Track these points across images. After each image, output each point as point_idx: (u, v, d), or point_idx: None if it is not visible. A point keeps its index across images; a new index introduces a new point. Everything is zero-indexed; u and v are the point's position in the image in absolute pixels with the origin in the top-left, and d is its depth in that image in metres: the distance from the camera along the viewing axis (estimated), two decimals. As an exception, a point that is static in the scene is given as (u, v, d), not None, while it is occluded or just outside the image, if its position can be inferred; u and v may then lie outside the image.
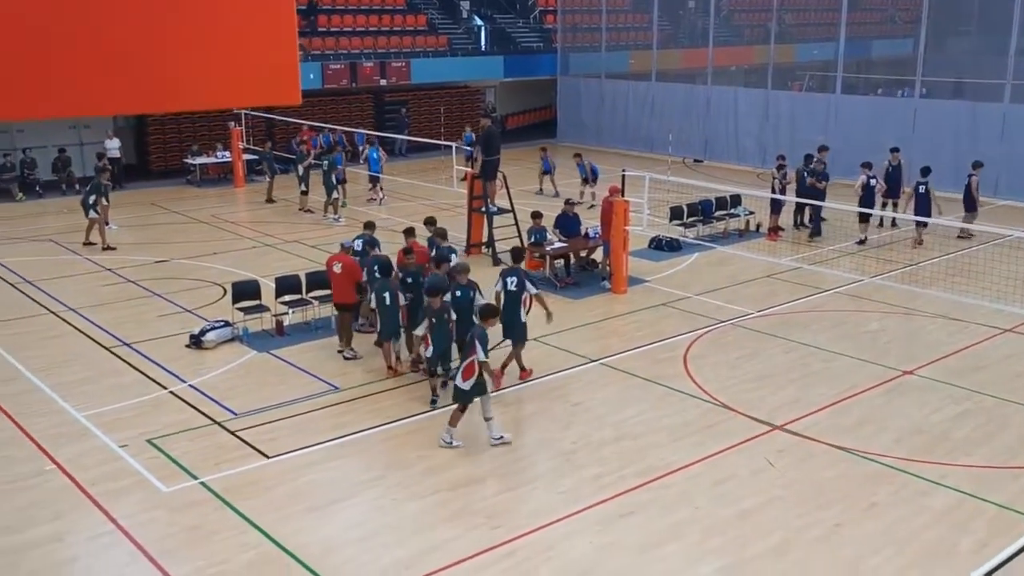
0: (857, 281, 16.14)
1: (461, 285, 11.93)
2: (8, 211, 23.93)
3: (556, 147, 33.17)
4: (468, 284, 11.96)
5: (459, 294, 11.86)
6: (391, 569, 8.26)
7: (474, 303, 11.79)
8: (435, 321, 11.28)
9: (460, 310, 11.69)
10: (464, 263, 12.46)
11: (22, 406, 11.61)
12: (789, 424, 11.14)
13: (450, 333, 11.55)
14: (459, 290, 11.90)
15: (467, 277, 11.97)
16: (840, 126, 27.07)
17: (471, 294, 11.93)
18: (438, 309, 11.27)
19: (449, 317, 11.46)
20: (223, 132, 28.33)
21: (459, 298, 11.81)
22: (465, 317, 11.68)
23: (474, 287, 11.98)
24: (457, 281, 11.95)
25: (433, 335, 11.38)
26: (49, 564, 8.32)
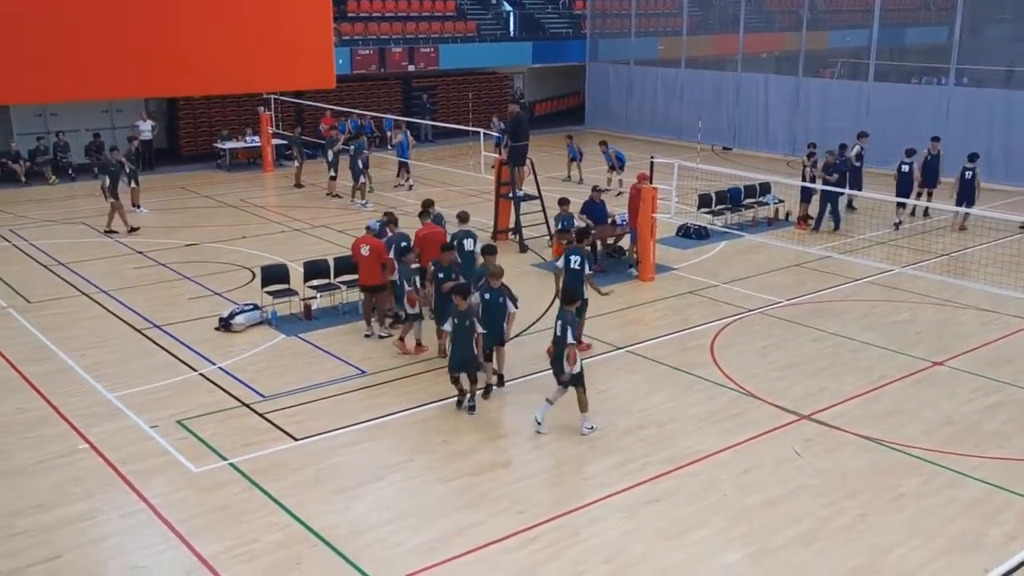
0: (888, 271, 15.98)
1: (491, 288, 11.38)
2: (41, 194, 24.26)
3: (584, 134, 33.06)
4: (499, 288, 11.35)
5: (488, 297, 11.30)
6: (417, 551, 8.33)
7: (504, 309, 11.29)
8: (457, 323, 10.76)
9: (488, 315, 11.14)
10: (497, 266, 11.59)
11: (55, 386, 11.80)
12: (816, 413, 11.08)
13: (472, 344, 10.79)
14: (488, 293, 11.34)
15: (499, 280, 11.37)
16: (872, 114, 26.73)
17: (501, 299, 11.29)
18: (463, 311, 10.77)
19: (473, 325, 10.77)
20: (253, 117, 28.50)
21: (488, 301, 11.27)
22: (493, 323, 11.15)
23: (505, 292, 11.35)
24: (488, 284, 11.43)
25: (454, 338, 10.88)
26: (82, 541, 8.47)
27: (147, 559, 8.22)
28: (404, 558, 8.24)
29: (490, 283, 11.37)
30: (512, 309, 11.34)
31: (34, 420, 10.86)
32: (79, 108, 27.62)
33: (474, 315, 10.81)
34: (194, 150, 29.14)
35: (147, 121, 27.18)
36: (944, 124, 25.12)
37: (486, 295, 11.28)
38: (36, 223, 20.80)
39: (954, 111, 25.31)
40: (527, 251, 18.32)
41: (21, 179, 25.24)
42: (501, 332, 11.41)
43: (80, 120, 27.61)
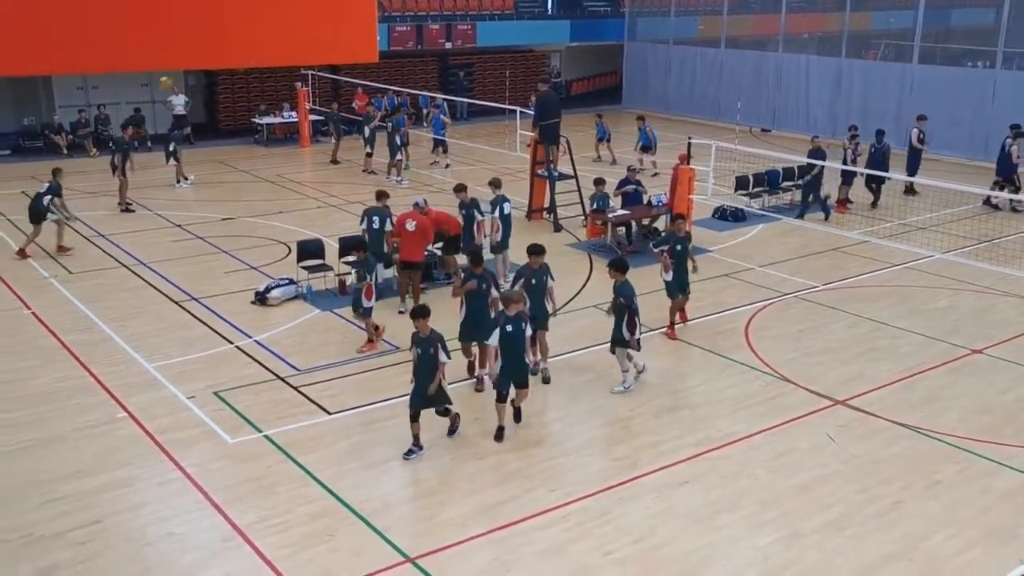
0: (928, 256, 15.73)
1: (510, 316, 9.80)
2: (82, 166, 24.55)
3: (620, 114, 32.84)
4: (519, 315, 9.86)
5: (510, 328, 9.72)
6: (447, 526, 8.39)
7: (525, 333, 9.86)
8: (421, 352, 9.37)
9: (510, 350, 9.76)
10: (516, 291, 10.27)
11: (96, 355, 12.01)
12: (852, 399, 10.97)
13: (435, 375, 9.44)
14: (510, 323, 9.75)
15: (519, 307, 9.89)
16: (916, 97, 26.24)
17: (523, 326, 9.82)
18: (425, 339, 9.36)
19: (436, 355, 9.38)
20: (290, 92, 28.60)
21: (510, 334, 9.72)
22: (515, 355, 9.77)
23: (525, 319, 9.94)
24: (506, 311, 9.90)
25: (416, 371, 9.50)
26: (120, 508, 8.63)
27: (183, 526, 8.36)
28: (435, 532, 8.31)
29: (507, 311, 9.81)
30: (528, 332, 10.03)
31: (75, 389, 11.06)
32: (119, 81, 27.90)
33: (438, 342, 9.37)
34: (232, 125, 29.32)
35: (180, 95, 27.36)
36: (989, 107, 24.64)
37: (507, 327, 9.70)
38: (77, 195, 21.06)
39: (1000, 94, 24.77)
40: (561, 230, 18.26)
41: (63, 151, 25.59)
42: (525, 368, 10.00)
43: (120, 93, 27.90)
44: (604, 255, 16.66)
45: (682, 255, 12.65)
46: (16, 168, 24.04)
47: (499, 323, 9.78)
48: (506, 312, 9.83)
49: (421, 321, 9.37)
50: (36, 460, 9.41)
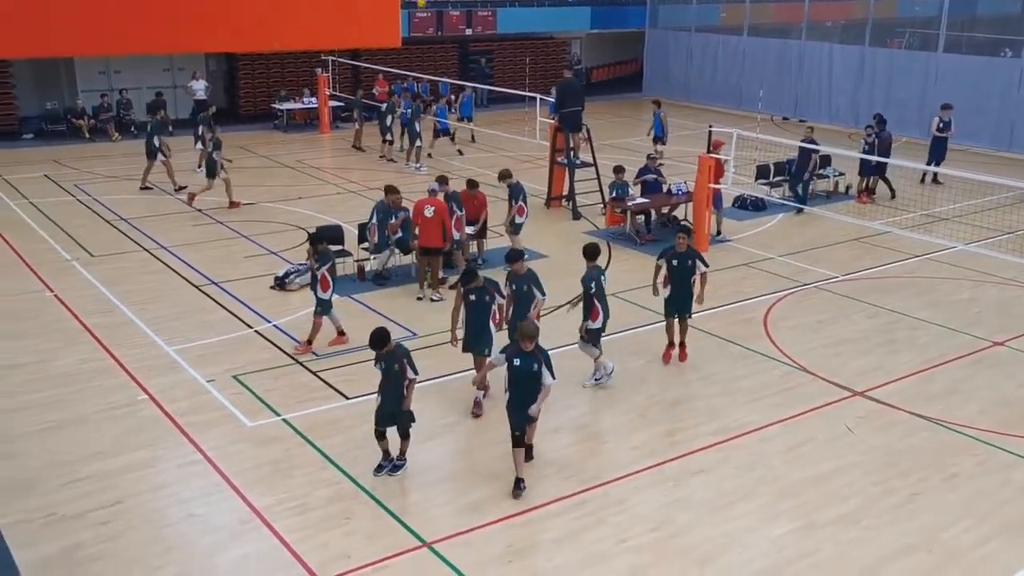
0: (950, 248, 15.59)
1: (522, 352, 8.73)
2: (105, 150, 24.75)
3: (641, 102, 32.69)
4: (532, 352, 8.70)
5: (518, 363, 8.73)
6: (464, 511, 8.44)
7: (539, 378, 8.67)
8: (384, 367, 8.89)
9: (517, 387, 8.76)
10: (531, 325, 8.93)
11: (117, 338, 12.12)
12: (870, 391, 10.92)
13: (401, 392, 8.91)
14: (519, 358, 8.77)
15: (532, 343, 8.70)
16: (940, 86, 25.96)
17: (534, 367, 8.67)
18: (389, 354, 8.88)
19: (403, 371, 8.84)
20: (310, 78, 28.65)
21: (518, 368, 8.72)
22: (523, 397, 8.72)
23: (538, 358, 8.70)
24: (519, 347, 8.77)
25: (381, 386, 8.96)
26: (141, 489, 8.73)
27: (203, 507, 8.45)
28: (451, 517, 8.36)
29: (521, 345, 8.73)
30: (549, 380, 8.68)
31: (96, 370, 11.18)
32: (141, 66, 28.05)
33: (403, 357, 8.86)
34: (252, 110, 29.41)
35: (200, 80, 27.46)
36: (1015, 97, 24.33)
37: (515, 360, 8.76)
38: (100, 179, 21.25)
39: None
40: (580, 218, 18.24)
41: (85, 135, 25.78)
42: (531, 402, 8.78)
43: (142, 78, 28.06)
44: (623, 243, 16.65)
45: (681, 273, 11.37)
46: (39, 152, 24.26)
47: (507, 353, 8.84)
48: (520, 345, 8.69)
49: (379, 349, 8.79)
50: (59, 441, 9.54)
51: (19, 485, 8.68)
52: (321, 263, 11.60)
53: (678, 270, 11.38)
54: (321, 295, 11.63)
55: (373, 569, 7.62)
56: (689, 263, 11.38)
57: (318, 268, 11.58)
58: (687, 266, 11.37)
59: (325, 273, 11.58)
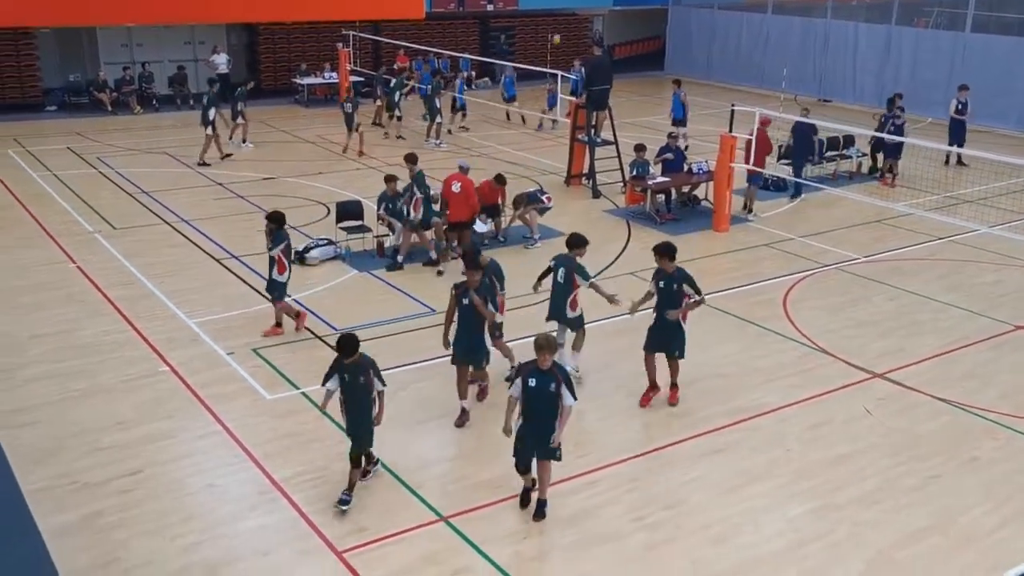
0: (974, 230, 15.43)
1: (539, 370, 7.73)
2: (126, 123, 24.86)
3: (662, 80, 32.45)
4: (550, 370, 7.73)
5: (533, 384, 7.71)
6: (479, 488, 8.48)
7: (557, 400, 7.75)
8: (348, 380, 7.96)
9: (534, 410, 7.80)
10: (548, 337, 7.88)
11: (139, 310, 12.23)
12: (890, 373, 10.86)
13: (368, 408, 8.14)
14: (534, 377, 7.73)
15: (550, 357, 7.74)
16: (967, 66, 25.61)
17: (551, 386, 7.70)
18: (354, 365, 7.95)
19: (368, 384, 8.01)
20: (331, 53, 28.61)
21: (533, 389, 7.73)
22: (540, 422, 7.79)
23: (557, 377, 7.75)
24: (536, 365, 7.74)
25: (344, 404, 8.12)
26: (162, 458, 8.84)
27: (222, 478, 8.55)
28: (467, 493, 8.40)
29: (538, 362, 7.73)
30: (570, 402, 7.78)
31: (119, 342, 11.29)
32: (163, 39, 28.12)
33: (369, 368, 8.00)
34: (273, 84, 29.43)
35: (222, 54, 27.48)
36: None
37: (531, 380, 7.73)
38: (122, 152, 21.36)
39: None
40: (600, 197, 18.17)
41: (107, 108, 25.90)
42: (548, 435, 7.80)
43: (164, 52, 28.12)
44: (642, 222, 16.59)
45: (666, 299, 9.73)
46: (62, 124, 24.42)
47: (522, 373, 7.81)
48: (537, 363, 7.71)
49: (348, 361, 7.90)
50: (82, 410, 9.65)
51: (43, 453, 8.81)
52: (275, 244, 11.17)
53: (663, 294, 9.70)
54: (277, 277, 11.26)
55: (389, 542, 7.69)
56: (675, 287, 9.61)
57: (272, 249, 11.14)
58: (672, 291, 9.61)
59: (280, 255, 11.18)
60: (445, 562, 7.48)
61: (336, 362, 8.03)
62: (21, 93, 26.06)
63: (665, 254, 9.70)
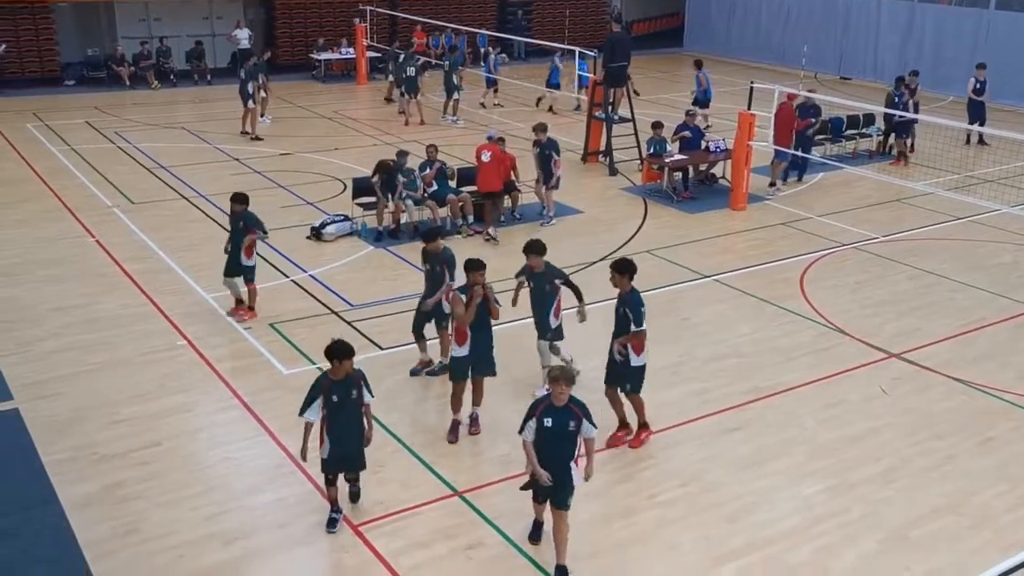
0: (994, 210, 15.29)
1: (554, 408, 6.81)
2: (144, 98, 24.93)
3: (681, 57, 32.22)
4: (567, 407, 6.82)
5: (550, 423, 6.81)
6: (494, 463, 8.53)
7: (576, 436, 6.88)
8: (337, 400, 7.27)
9: (550, 450, 6.88)
10: (565, 368, 7.08)
11: (157, 284, 12.32)
12: (907, 353, 10.81)
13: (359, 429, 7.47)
14: (550, 416, 6.82)
15: (567, 391, 6.81)
16: (992, 45, 25.26)
17: (571, 424, 6.82)
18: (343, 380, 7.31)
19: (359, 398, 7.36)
20: (348, 28, 28.53)
21: (551, 430, 6.83)
22: (558, 462, 6.89)
23: (575, 412, 6.84)
24: (550, 402, 6.84)
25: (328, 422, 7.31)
26: (179, 431, 8.93)
27: (239, 452, 8.63)
28: (481, 468, 8.46)
29: (552, 398, 6.83)
30: (593, 432, 6.95)
31: (137, 315, 11.38)
32: (181, 14, 28.10)
33: (362, 380, 7.38)
34: (290, 59, 29.39)
35: (244, 29, 27.46)
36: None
37: (546, 420, 6.81)
38: (140, 126, 21.43)
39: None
40: (616, 174, 18.10)
41: (125, 82, 25.95)
42: (564, 481, 6.93)
43: (181, 26, 28.11)
44: (659, 200, 16.53)
45: (621, 320, 8.59)
46: (80, 99, 24.51)
47: (534, 412, 6.86)
48: (551, 399, 6.83)
49: (346, 361, 7.23)
50: (102, 382, 9.76)
51: (63, 424, 8.92)
52: (254, 225, 11.13)
53: (617, 318, 8.68)
54: (245, 262, 11.13)
55: (405, 515, 7.75)
56: (622, 312, 8.54)
57: (245, 233, 11.03)
58: (620, 314, 8.57)
59: (256, 238, 11.07)
60: (460, 536, 7.54)
61: (323, 382, 7.22)
62: (40, 67, 26.15)
63: (617, 271, 8.48)
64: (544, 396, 6.95)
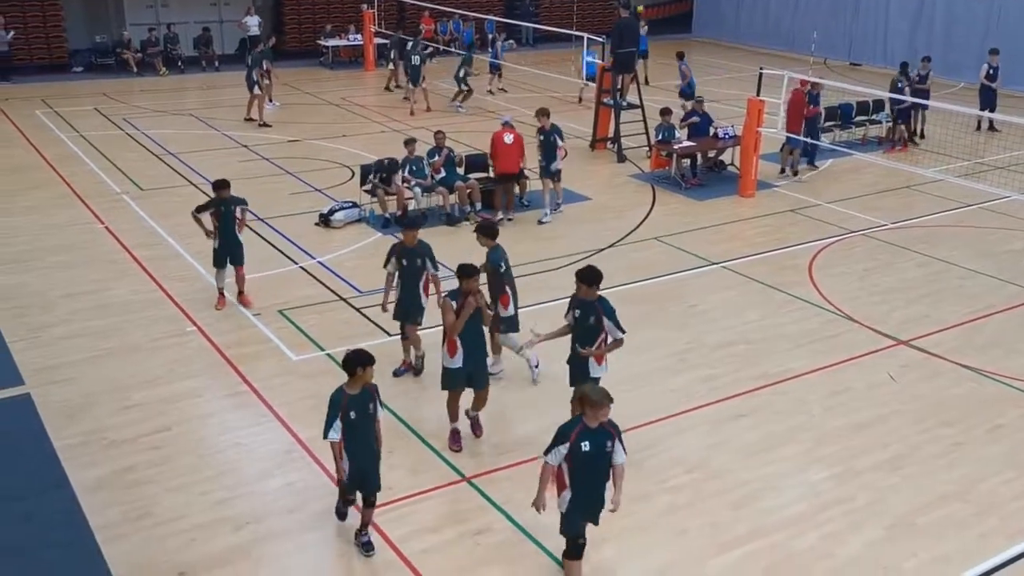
0: (1005, 197, 15.23)
1: (590, 430, 6.34)
2: (152, 85, 24.95)
3: (690, 43, 32.07)
4: (605, 426, 6.39)
5: (588, 447, 6.33)
6: (503, 449, 8.56)
7: (608, 461, 6.45)
8: (356, 416, 6.88)
9: (587, 476, 6.44)
10: (596, 390, 6.55)
11: (166, 270, 12.36)
12: (916, 340, 10.80)
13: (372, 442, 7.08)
14: (588, 440, 6.33)
15: (606, 412, 6.33)
16: (1003, 30, 25.08)
17: (608, 445, 6.41)
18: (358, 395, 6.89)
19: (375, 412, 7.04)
20: (356, 14, 28.47)
21: (588, 454, 6.35)
22: (590, 485, 6.48)
23: (611, 432, 6.43)
24: (586, 425, 6.34)
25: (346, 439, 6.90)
26: (189, 416, 8.99)
27: (248, 437, 8.68)
28: (489, 455, 8.49)
29: (586, 420, 6.35)
30: (622, 458, 6.53)
31: (147, 301, 11.43)
32: (188, 1, 28.07)
33: (376, 393, 7.03)
34: (298, 46, 29.36)
35: (254, 16, 27.43)
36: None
37: (583, 444, 6.32)
38: (147, 113, 21.46)
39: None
40: (625, 161, 18.06)
41: (133, 69, 25.96)
42: (601, 505, 6.59)
43: (189, 13, 28.09)
44: (668, 187, 16.50)
45: (586, 331, 8.08)
46: (89, 85, 24.55)
47: (567, 438, 6.35)
48: (585, 421, 6.38)
49: (369, 368, 6.89)
50: (113, 368, 9.82)
51: (74, 409, 8.98)
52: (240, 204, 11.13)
53: (581, 328, 8.10)
54: (213, 245, 11.05)
55: (414, 500, 7.80)
56: (592, 321, 8.00)
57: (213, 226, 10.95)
58: (589, 325, 8.01)
59: (213, 221, 10.97)
60: (468, 521, 7.58)
61: (341, 400, 6.83)
62: (48, 54, 26.18)
63: (584, 280, 7.99)
64: (575, 420, 6.45)
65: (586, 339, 8.06)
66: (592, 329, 8.02)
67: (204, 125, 20.35)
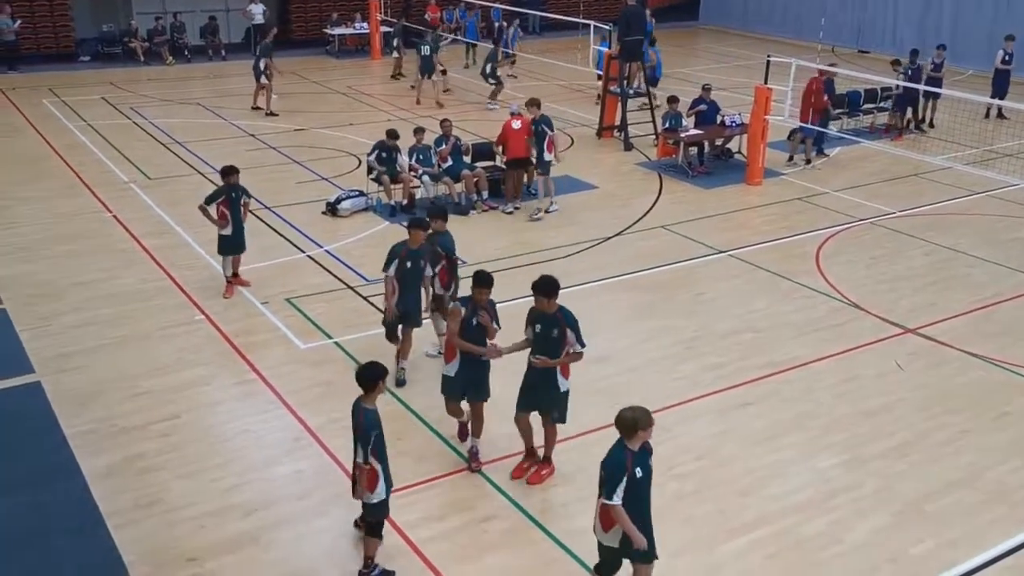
0: (1013, 185, 15.17)
1: (636, 453, 5.98)
2: (159, 74, 24.95)
3: (697, 30, 31.93)
4: (644, 449, 6.06)
5: (640, 473, 6.00)
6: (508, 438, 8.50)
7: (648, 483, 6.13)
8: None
9: (644, 489, 6.07)
10: (640, 411, 6.02)
11: (174, 259, 12.40)
12: (923, 328, 10.79)
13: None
14: (641, 465, 6.01)
15: (648, 434, 6.06)
16: (1014, 15, 24.89)
17: (649, 463, 6.13)
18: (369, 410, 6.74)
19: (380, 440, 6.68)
20: (362, 2, 28.40)
21: (643, 478, 6.05)
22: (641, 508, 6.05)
23: (650, 451, 6.15)
24: (631, 451, 5.97)
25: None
26: (198, 404, 9.04)
27: (257, 425, 8.73)
28: (497, 443, 8.50)
29: (630, 445, 5.97)
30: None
31: (156, 290, 11.48)
32: (195, -11, 28.05)
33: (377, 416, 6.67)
34: (305, 35, 29.31)
35: (258, 4, 27.38)
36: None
37: (638, 471, 5.95)
38: (155, 102, 21.47)
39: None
40: (632, 149, 18.03)
41: (140, 58, 25.97)
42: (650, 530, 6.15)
43: (196, 1, 28.02)
44: (675, 175, 16.47)
45: (546, 343, 7.64)
46: (95, 74, 24.56)
47: (625, 469, 5.90)
48: (627, 443, 5.99)
49: (381, 383, 6.73)
50: (122, 356, 9.87)
51: (85, 397, 9.04)
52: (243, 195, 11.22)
53: (541, 341, 7.68)
54: (222, 231, 11.09)
55: (421, 487, 7.84)
56: (555, 334, 7.58)
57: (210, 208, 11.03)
58: (551, 337, 7.60)
59: (222, 209, 11.02)
60: (475, 509, 7.63)
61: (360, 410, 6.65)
62: (55, 43, 26.18)
63: (542, 291, 7.52)
64: (620, 450, 5.99)
65: (550, 353, 7.62)
66: (556, 342, 7.57)
67: (211, 114, 20.37)
